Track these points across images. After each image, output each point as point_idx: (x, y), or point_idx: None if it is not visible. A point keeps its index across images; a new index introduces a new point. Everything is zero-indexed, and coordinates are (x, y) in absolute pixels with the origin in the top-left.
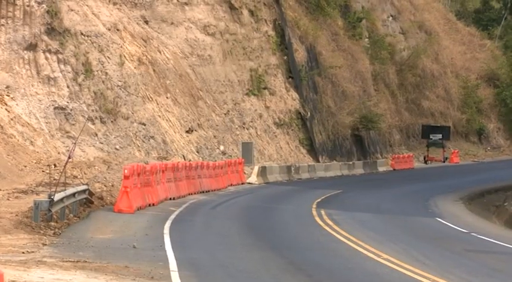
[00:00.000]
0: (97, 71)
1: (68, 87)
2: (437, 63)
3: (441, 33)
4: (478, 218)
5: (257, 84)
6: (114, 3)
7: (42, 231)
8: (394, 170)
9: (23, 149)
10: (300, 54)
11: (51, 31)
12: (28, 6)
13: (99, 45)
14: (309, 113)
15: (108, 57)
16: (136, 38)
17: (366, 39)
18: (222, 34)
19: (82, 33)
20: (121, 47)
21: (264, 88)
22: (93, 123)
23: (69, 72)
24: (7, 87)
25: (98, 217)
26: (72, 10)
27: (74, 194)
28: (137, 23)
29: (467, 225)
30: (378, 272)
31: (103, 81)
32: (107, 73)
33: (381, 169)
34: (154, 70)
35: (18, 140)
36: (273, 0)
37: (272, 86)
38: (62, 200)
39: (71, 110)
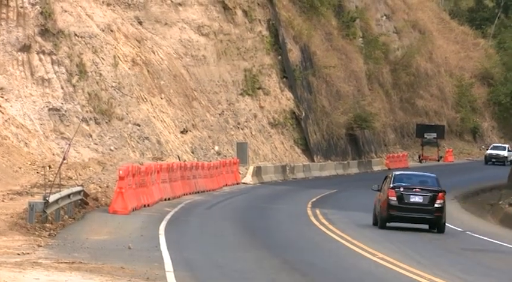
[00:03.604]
0: (91, 72)
1: (62, 88)
2: (431, 62)
3: (435, 33)
4: (473, 217)
5: (251, 84)
6: (108, 4)
7: (37, 233)
8: (389, 169)
9: (18, 150)
10: (294, 54)
11: (45, 32)
12: (22, 7)
13: (93, 46)
14: (303, 113)
15: (102, 58)
16: (130, 38)
17: (360, 39)
18: (216, 34)
19: (76, 35)
20: (115, 48)
21: (259, 88)
22: (88, 124)
23: (63, 74)
24: (1, 88)
25: (93, 218)
26: (65, 11)
27: (68, 195)
28: (131, 24)
29: (463, 224)
30: (373, 271)
31: (97, 82)
32: (101, 74)
33: (375, 168)
34: (148, 71)
35: (12, 142)
36: (267, 0)
37: (266, 86)
38: (56, 201)
39: (65, 111)
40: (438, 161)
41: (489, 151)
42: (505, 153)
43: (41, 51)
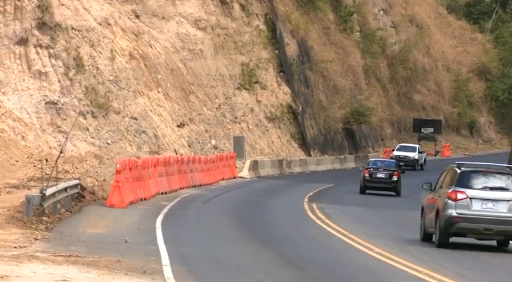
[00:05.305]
0: (88, 65)
1: (59, 82)
2: (428, 56)
3: (432, 27)
4: None
5: (248, 78)
6: None
7: (34, 226)
8: None
9: (15, 143)
10: (291, 49)
11: (42, 26)
12: (19, 0)
13: (90, 40)
14: (300, 107)
15: (99, 52)
16: (128, 32)
17: (357, 33)
18: (213, 28)
19: (73, 28)
20: (112, 41)
21: (256, 82)
22: (85, 118)
23: (60, 67)
24: None
25: (90, 212)
26: (63, 5)
27: (65, 189)
28: (128, 18)
29: None
30: (370, 266)
31: (94, 76)
32: (98, 68)
33: None
34: (145, 64)
35: (9, 135)
36: None
37: (263, 80)
38: (53, 194)
39: (62, 104)
40: (435, 155)
41: (395, 152)
42: (414, 155)
43: (38, 44)
